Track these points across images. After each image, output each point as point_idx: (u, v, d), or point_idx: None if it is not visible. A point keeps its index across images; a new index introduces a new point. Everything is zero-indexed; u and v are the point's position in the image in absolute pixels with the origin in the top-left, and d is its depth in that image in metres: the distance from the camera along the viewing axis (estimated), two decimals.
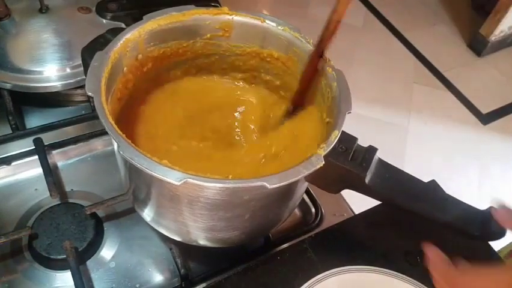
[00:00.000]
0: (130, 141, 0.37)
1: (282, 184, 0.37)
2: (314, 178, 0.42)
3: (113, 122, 0.38)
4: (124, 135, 0.38)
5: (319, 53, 0.46)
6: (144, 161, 0.36)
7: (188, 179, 0.35)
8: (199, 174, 0.36)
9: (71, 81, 0.65)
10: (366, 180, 0.42)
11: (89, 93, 0.40)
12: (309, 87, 0.48)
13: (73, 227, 0.54)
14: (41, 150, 0.59)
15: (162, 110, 0.53)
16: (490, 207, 0.43)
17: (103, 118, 0.38)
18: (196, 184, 0.36)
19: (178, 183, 0.35)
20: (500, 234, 0.43)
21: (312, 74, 0.47)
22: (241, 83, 0.57)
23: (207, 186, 0.36)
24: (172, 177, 0.35)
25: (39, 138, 0.60)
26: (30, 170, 0.60)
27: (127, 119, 0.48)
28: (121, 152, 0.36)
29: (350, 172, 0.42)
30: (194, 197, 0.39)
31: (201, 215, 0.42)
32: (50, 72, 0.64)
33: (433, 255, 0.42)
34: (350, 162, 0.42)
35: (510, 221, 0.42)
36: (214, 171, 0.40)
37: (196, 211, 0.41)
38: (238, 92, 0.57)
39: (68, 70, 0.65)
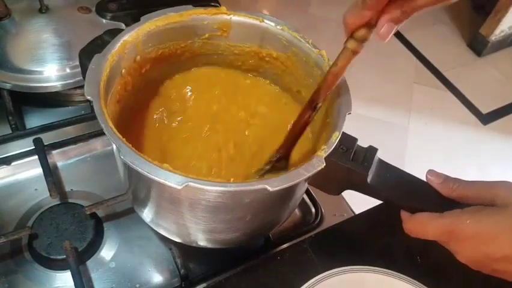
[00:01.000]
0: (130, 145, 0.37)
1: (283, 187, 0.37)
2: (315, 179, 0.42)
3: (113, 126, 0.38)
4: (124, 139, 0.37)
5: (312, 105, 0.42)
6: (145, 166, 0.36)
7: (190, 183, 0.35)
8: (200, 177, 0.36)
9: (71, 81, 0.64)
10: (368, 180, 0.42)
11: (89, 97, 0.39)
12: (297, 138, 0.44)
13: (72, 227, 0.54)
14: (41, 150, 0.59)
15: (161, 109, 0.53)
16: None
17: (102, 122, 0.38)
18: (198, 188, 0.36)
19: (180, 187, 0.35)
20: None
21: (302, 127, 0.43)
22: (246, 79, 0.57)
23: (208, 189, 0.36)
24: (174, 181, 0.35)
25: (39, 138, 0.60)
26: (30, 170, 0.60)
27: (127, 120, 0.48)
28: (121, 157, 0.36)
29: (351, 171, 0.42)
30: (195, 200, 0.39)
31: (201, 217, 0.42)
32: (50, 72, 0.64)
33: (422, 214, 0.41)
34: (351, 162, 0.42)
35: (454, 190, 0.41)
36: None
37: (196, 213, 0.41)
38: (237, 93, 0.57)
39: (68, 70, 0.65)
